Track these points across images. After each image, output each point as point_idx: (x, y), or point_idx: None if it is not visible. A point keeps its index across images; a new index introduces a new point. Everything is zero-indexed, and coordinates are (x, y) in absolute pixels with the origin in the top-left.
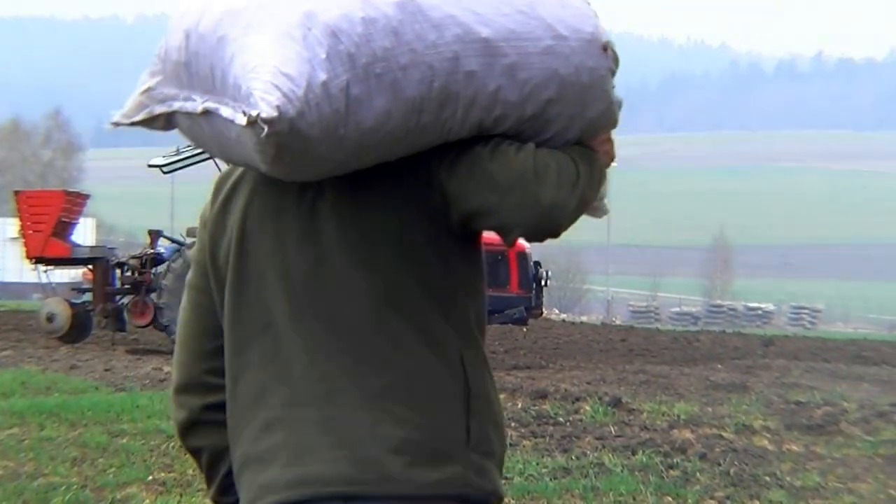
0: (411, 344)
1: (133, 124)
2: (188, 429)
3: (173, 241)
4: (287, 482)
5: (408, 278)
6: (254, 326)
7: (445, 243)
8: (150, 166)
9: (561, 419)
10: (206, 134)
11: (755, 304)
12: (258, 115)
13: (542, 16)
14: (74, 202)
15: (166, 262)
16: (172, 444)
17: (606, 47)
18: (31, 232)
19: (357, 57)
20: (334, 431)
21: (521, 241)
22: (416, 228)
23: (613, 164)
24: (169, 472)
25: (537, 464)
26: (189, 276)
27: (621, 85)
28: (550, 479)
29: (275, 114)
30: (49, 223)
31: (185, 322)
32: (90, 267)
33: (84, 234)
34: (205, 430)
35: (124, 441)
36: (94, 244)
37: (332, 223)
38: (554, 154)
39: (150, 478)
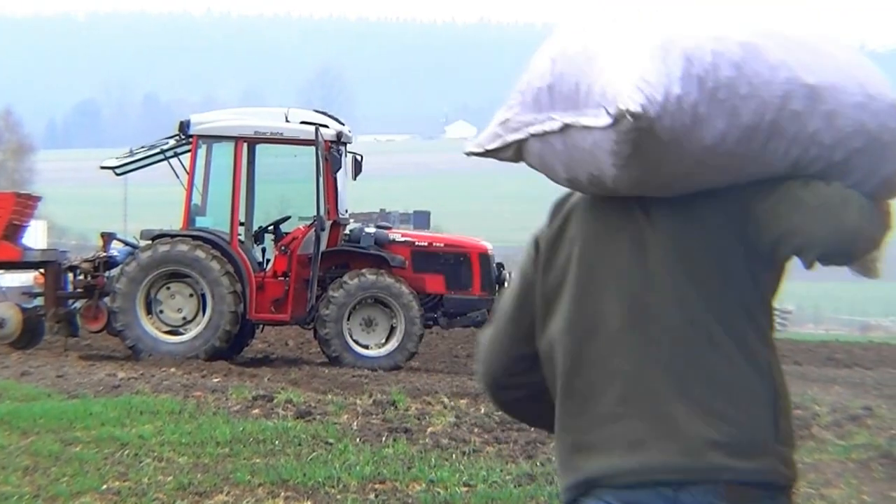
0: (729, 352)
1: (486, 153)
2: (509, 410)
3: (127, 243)
4: (624, 470)
5: (726, 293)
6: (588, 332)
7: (755, 265)
8: (102, 168)
9: (525, 425)
10: (556, 151)
11: None
12: (626, 109)
13: (854, 75)
14: (26, 204)
15: (120, 266)
16: (127, 451)
17: None
18: None
19: (705, 80)
20: (663, 427)
21: (484, 242)
22: (731, 251)
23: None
24: (123, 481)
25: (501, 470)
26: (513, 286)
27: None
28: (515, 486)
29: (639, 109)
30: None
31: (501, 328)
32: (42, 271)
33: (35, 236)
34: (524, 405)
35: (77, 449)
36: (45, 247)
37: (657, 244)
38: (857, 192)
39: (104, 486)
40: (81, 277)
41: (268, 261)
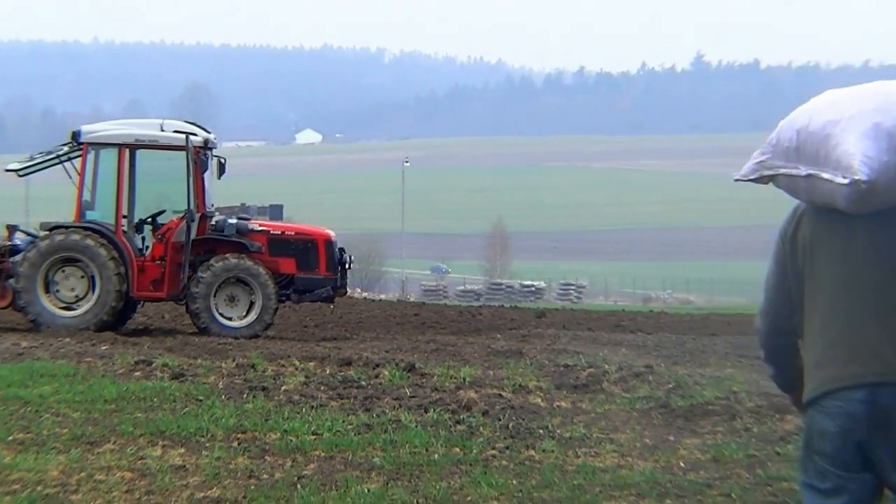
0: None
1: (748, 181)
2: (774, 355)
3: (28, 234)
4: (841, 377)
5: None
6: (819, 293)
7: None
8: (7, 170)
9: (363, 383)
10: (800, 186)
11: (529, 282)
12: (859, 179)
13: None
14: None
15: (22, 252)
16: (29, 408)
17: None
18: None
19: None
20: (866, 347)
21: (328, 230)
22: None
23: None
24: (27, 434)
25: (343, 421)
26: (772, 268)
27: (414, 97)
28: (355, 435)
29: (865, 177)
30: None
31: (772, 295)
32: None
33: None
34: (788, 352)
35: None
36: None
37: (862, 233)
38: None
39: (10, 438)
40: None
41: (147, 247)
